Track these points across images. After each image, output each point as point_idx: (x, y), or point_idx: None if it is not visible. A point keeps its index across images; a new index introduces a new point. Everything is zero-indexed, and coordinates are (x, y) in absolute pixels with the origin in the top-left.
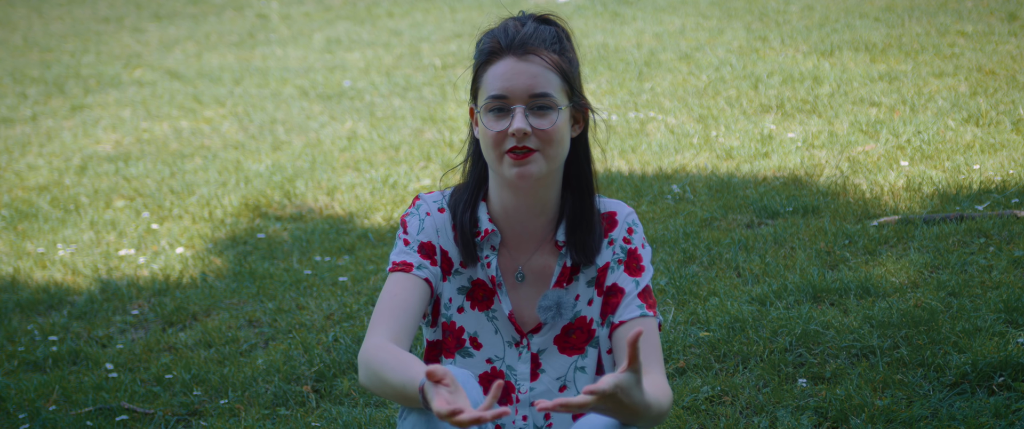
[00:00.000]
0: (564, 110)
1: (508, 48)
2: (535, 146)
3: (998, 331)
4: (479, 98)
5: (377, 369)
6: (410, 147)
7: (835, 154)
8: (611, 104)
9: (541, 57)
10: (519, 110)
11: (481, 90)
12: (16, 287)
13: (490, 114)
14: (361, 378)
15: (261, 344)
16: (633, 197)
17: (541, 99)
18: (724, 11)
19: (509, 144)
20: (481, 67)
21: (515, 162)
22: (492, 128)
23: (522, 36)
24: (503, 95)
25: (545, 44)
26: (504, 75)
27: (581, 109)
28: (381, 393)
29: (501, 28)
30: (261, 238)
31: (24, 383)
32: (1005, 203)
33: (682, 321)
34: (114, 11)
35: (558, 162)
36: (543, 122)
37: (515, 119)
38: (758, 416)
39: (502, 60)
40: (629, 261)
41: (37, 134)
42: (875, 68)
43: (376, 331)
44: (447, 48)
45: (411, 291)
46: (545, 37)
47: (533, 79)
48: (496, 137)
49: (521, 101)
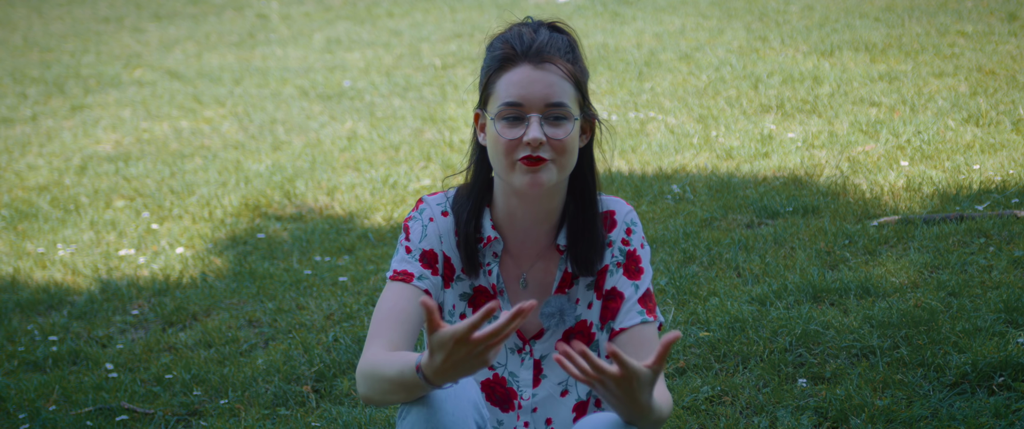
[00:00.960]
0: (578, 121)
1: (524, 55)
2: (548, 156)
3: (998, 331)
4: (491, 105)
5: (372, 370)
6: (410, 147)
7: (835, 154)
8: (611, 104)
9: (558, 66)
10: (535, 119)
11: (494, 97)
12: (16, 287)
13: (503, 121)
14: (360, 390)
15: (261, 344)
16: (633, 197)
17: (557, 109)
18: (724, 11)
19: (522, 153)
20: (494, 73)
21: (527, 170)
22: (505, 136)
23: (538, 44)
24: (519, 103)
25: (560, 53)
26: (520, 83)
27: (590, 120)
28: (380, 395)
29: (515, 34)
30: (261, 238)
31: (24, 383)
32: (1005, 203)
33: (682, 321)
34: (114, 11)
35: (568, 172)
36: (558, 132)
37: (531, 128)
38: (758, 416)
39: (517, 67)
40: (628, 263)
41: (37, 134)
42: (875, 68)
43: (375, 342)
44: (447, 48)
45: (410, 300)
46: (560, 46)
47: (550, 88)
48: (509, 145)
49: (537, 110)
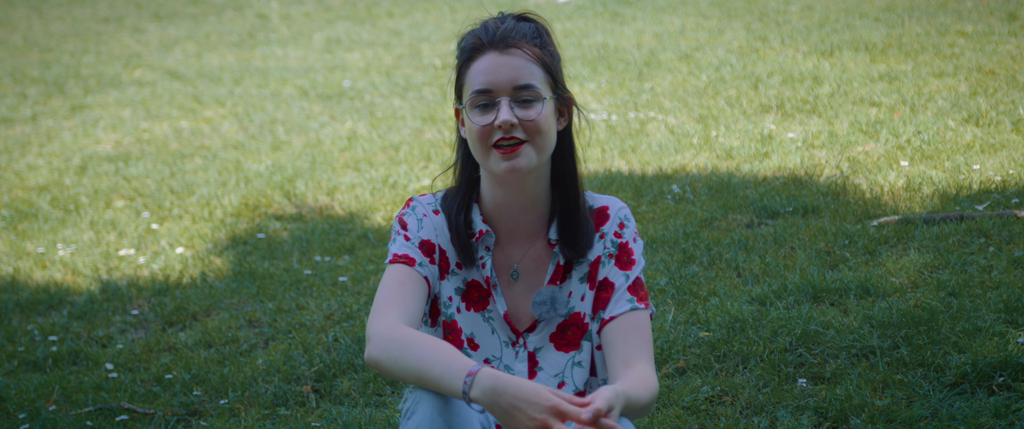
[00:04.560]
0: (549, 101)
1: (490, 44)
2: (523, 137)
3: (998, 331)
4: (464, 95)
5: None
6: (410, 147)
7: (835, 154)
8: (611, 104)
9: (523, 50)
10: (504, 102)
11: (465, 87)
12: (16, 287)
13: (476, 109)
14: (376, 354)
15: (261, 344)
16: (633, 197)
17: (525, 91)
18: (724, 11)
19: (496, 137)
20: (464, 65)
21: (504, 156)
22: (478, 122)
23: (503, 31)
24: (487, 89)
25: (526, 38)
26: (487, 69)
27: (565, 103)
28: (398, 372)
29: (481, 27)
30: (261, 238)
31: (24, 383)
32: (1005, 203)
33: (682, 321)
34: (114, 11)
35: (547, 154)
36: (529, 112)
37: (501, 111)
38: (758, 416)
39: (484, 56)
40: (620, 255)
41: (37, 134)
42: (875, 68)
43: (387, 312)
44: (447, 48)
45: (415, 283)
46: (525, 32)
47: (516, 71)
48: (482, 132)
49: (506, 93)
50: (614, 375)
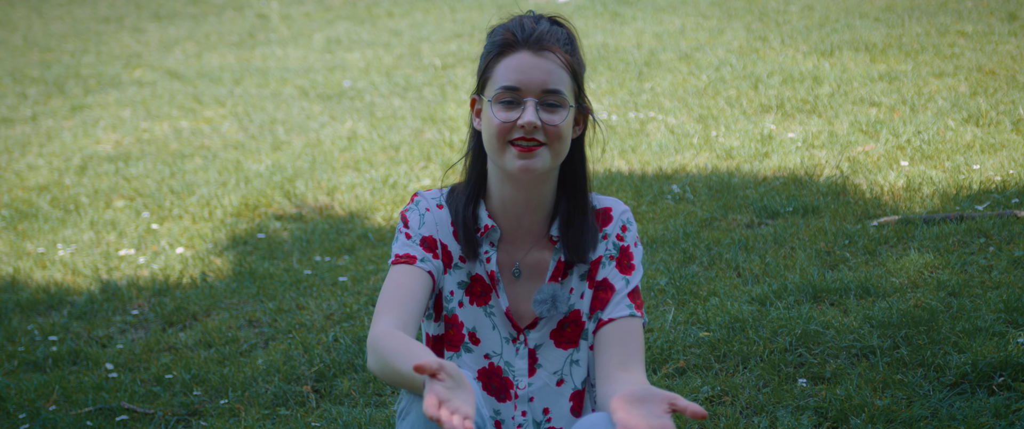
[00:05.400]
0: (572, 109)
1: (524, 42)
2: (542, 140)
3: (998, 331)
4: (488, 89)
5: (385, 356)
6: (410, 147)
7: (835, 154)
8: (611, 104)
9: (556, 54)
10: (531, 103)
11: (491, 81)
12: (16, 287)
13: (500, 104)
14: (370, 364)
15: (261, 344)
16: (633, 197)
17: (553, 96)
18: (724, 11)
19: (515, 135)
20: (493, 59)
21: (520, 154)
22: (500, 117)
23: (538, 33)
24: (516, 87)
25: (559, 43)
26: (519, 68)
27: (583, 112)
28: (390, 380)
29: (516, 23)
30: (261, 238)
31: (24, 383)
32: (1005, 203)
33: (682, 321)
34: (114, 11)
35: (560, 159)
36: (553, 118)
37: (526, 112)
38: (758, 416)
39: (516, 53)
40: (621, 258)
41: (37, 134)
42: (875, 68)
43: (383, 318)
44: (447, 48)
45: (416, 281)
46: (559, 37)
47: (547, 75)
48: (503, 127)
49: (533, 95)
50: (608, 375)
